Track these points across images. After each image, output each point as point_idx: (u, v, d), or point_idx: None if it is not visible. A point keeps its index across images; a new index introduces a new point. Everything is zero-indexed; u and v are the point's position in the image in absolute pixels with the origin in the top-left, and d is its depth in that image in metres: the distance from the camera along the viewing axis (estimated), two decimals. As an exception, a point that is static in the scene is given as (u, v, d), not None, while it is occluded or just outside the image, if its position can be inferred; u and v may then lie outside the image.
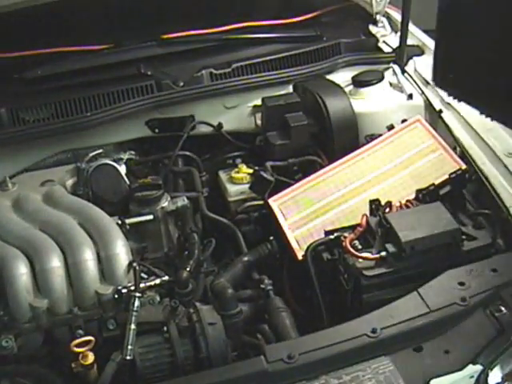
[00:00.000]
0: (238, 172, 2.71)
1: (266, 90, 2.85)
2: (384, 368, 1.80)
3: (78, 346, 1.89)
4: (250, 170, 2.69)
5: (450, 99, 2.54)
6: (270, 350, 1.84)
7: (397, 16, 3.22)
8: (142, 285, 2.02)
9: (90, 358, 1.86)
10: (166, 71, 2.83)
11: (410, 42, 2.99)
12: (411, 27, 2.95)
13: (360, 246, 2.12)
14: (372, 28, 3.24)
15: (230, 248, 2.62)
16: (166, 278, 2.11)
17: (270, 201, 2.56)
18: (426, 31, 3.14)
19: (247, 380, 1.77)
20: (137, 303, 1.95)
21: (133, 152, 2.78)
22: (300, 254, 2.32)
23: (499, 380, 1.84)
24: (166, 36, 2.92)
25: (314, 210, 2.49)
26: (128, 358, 1.87)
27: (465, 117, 2.54)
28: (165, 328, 1.99)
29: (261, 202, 2.62)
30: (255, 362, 1.80)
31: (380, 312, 1.92)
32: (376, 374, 1.78)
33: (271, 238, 2.45)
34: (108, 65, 2.80)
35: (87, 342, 1.90)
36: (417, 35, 3.11)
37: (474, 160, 2.41)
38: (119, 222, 2.23)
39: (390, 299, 1.98)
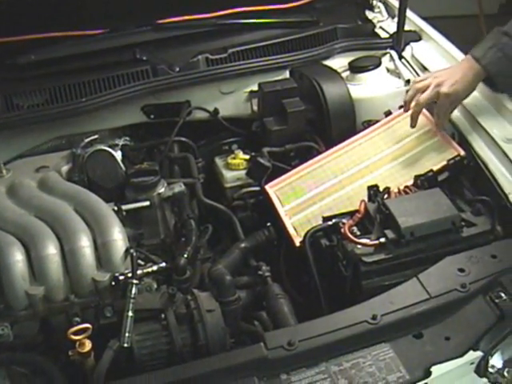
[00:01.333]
0: (234, 158, 2.70)
1: (262, 76, 2.82)
2: (384, 355, 1.79)
3: (75, 333, 1.86)
4: (247, 156, 2.67)
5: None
6: (270, 336, 1.83)
7: (393, 1, 3.20)
8: (139, 271, 2.00)
9: (87, 345, 1.84)
10: (161, 56, 2.79)
11: (407, 27, 2.97)
12: (408, 12, 2.92)
13: (358, 233, 2.11)
14: (368, 13, 3.22)
15: (226, 234, 2.60)
16: (164, 264, 2.09)
17: (267, 187, 2.55)
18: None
19: (247, 367, 1.75)
20: (134, 290, 1.93)
21: (128, 138, 2.75)
22: (297, 241, 2.31)
23: (500, 366, 1.84)
24: (161, 21, 2.87)
25: (311, 196, 2.48)
26: (125, 345, 1.85)
27: (463, 103, 2.51)
28: (162, 315, 1.97)
29: (257, 189, 2.60)
30: (255, 349, 1.79)
31: (380, 298, 1.91)
32: (376, 361, 1.77)
33: (268, 224, 2.43)
34: (103, 50, 2.75)
35: (84, 330, 1.87)
36: (414, 20, 3.08)
37: (473, 146, 2.39)
38: (115, 208, 2.21)
39: (390, 285, 1.97)
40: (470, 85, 2.42)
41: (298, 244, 2.30)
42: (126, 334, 1.86)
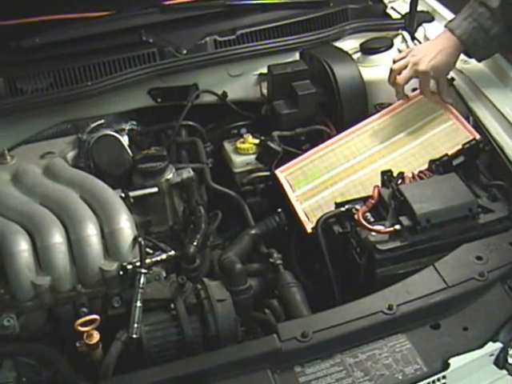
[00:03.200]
0: (243, 142, 2.64)
1: (272, 58, 2.77)
2: (401, 346, 1.75)
3: (83, 325, 1.82)
4: (256, 141, 2.62)
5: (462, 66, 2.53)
6: (283, 328, 1.78)
7: (405, -19, 3.13)
8: (147, 260, 1.95)
9: (95, 337, 1.80)
10: (168, 39, 2.74)
11: (419, 7, 2.90)
12: (420, -8, 2.86)
13: (372, 219, 2.06)
14: (380, -7, 3.16)
15: (235, 220, 2.56)
16: (173, 252, 2.04)
17: (277, 172, 2.50)
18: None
19: (260, 360, 1.70)
20: (142, 280, 1.89)
21: (135, 122, 2.71)
22: (309, 227, 2.26)
23: (520, 358, 1.80)
24: (168, 2, 2.82)
25: (322, 181, 2.42)
26: (134, 336, 1.80)
27: (478, 85, 2.46)
28: (172, 305, 1.92)
29: (267, 173, 2.55)
30: (268, 341, 1.74)
31: (396, 288, 1.86)
32: (393, 353, 1.73)
33: (279, 210, 2.39)
34: (109, 32, 2.70)
35: (92, 321, 1.83)
36: (426, 1, 3.02)
37: (488, 130, 2.33)
38: (122, 195, 2.16)
39: (405, 274, 1.92)
40: (449, 57, 2.42)
41: (309, 230, 2.25)
42: (135, 325, 1.81)
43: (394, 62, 2.50)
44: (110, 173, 2.35)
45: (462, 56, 2.49)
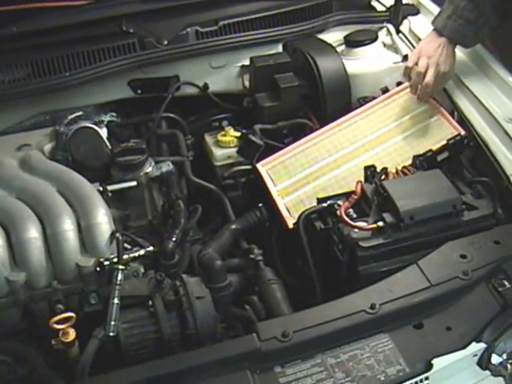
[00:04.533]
0: (224, 135, 2.61)
1: (254, 50, 2.73)
2: (383, 346, 1.73)
3: (58, 322, 1.78)
4: (238, 133, 2.58)
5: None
6: (263, 327, 1.75)
7: (390, -28, 3.10)
8: (125, 256, 1.91)
9: (71, 335, 1.75)
10: (149, 29, 2.68)
11: (404, 0, 2.88)
12: (406, -15, 2.83)
13: (355, 215, 2.03)
14: (365, -14, 3.12)
15: (216, 214, 2.52)
16: (151, 248, 2.00)
17: (259, 165, 2.47)
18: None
19: (239, 360, 1.67)
20: (120, 276, 1.85)
21: (114, 114, 2.68)
22: (291, 223, 2.24)
23: (505, 357, 1.78)
24: (149, -9, 2.77)
25: (304, 176, 2.40)
26: (111, 334, 1.76)
27: (463, 80, 2.44)
28: (150, 302, 1.88)
29: (249, 167, 2.52)
30: (247, 341, 1.71)
31: (378, 286, 1.83)
32: (375, 353, 1.71)
33: (260, 204, 2.35)
34: (88, 22, 2.63)
35: (68, 319, 1.79)
36: (412, -7, 2.99)
37: (473, 125, 2.31)
38: (101, 188, 2.13)
39: (388, 271, 1.90)
40: (453, 56, 2.43)
41: (291, 226, 2.23)
42: (112, 322, 1.78)
43: (413, 66, 2.46)
44: (88, 166, 2.30)
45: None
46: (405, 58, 2.67)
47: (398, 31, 2.85)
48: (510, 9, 2.36)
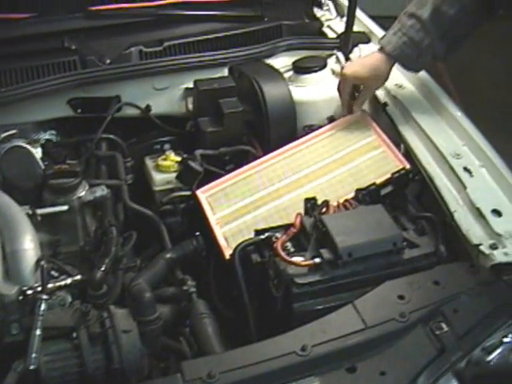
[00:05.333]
0: (165, 159, 2.54)
1: (199, 72, 2.67)
2: (312, 390, 1.65)
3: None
4: (178, 158, 2.51)
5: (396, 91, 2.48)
6: (189, 366, 1.66)
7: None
8: (50, 285, 1.85)
9: (-12, 367, 1.68)
10: (92, 46, 2.63)
11: (356, 28, 2.84)
12: (358, 12, 2.80)
13: (293, 249, 1.96)
14: (317, 11, 3.11)
15: (154, 240, 2.43)
16: (78, 277, 1.94)
17: (198, 192, 2.39)
18: (372, 17, 3.03)
19: (161, 401, 1.60)
20: (43, 306, 1.77)
21: (54, 132, 2.60)
22: (228, 253, 2.16)
23: (438, 405, 1.72)
24: (93, 8, 2.70)
25: (245, 205, 2.33)
26: (31, 367, 1.69)
27: (411, 112, 2.41)
28: (74, 334, 1.81)
29: (188, 193, 2.44)
30: (171, 381, 1.64)
31: (312, 326, 1.76)
32: (304, 398, 1.63)
33: (197, 233, 2.28)
34: (28, 36, 2.58)
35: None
36: (363, 21, 2.97)
37: (419, 159, 2.27)
38: (30, 212, 2.05)
39: (323, 309, 1.83)
40: (376, 71, 2.43)
41: (227, 256, 2.16)
42: (33, 355, 1.70)
43: None
44: (19, 186, 2.23)
45: (397, 81, 2.47)
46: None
47: (348, 59, 2.81)
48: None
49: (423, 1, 2.34)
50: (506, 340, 1.80)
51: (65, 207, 2.16)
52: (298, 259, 1.89)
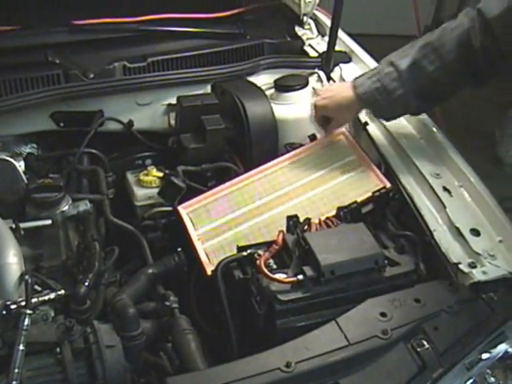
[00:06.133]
0: (147, 174, 2.54)
1: (182, 88, 2.69)
2: (296, 406, 1.66)
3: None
4: (160, 174, 2.52)
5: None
6: (174, 382, 1.67)
7: (324, 19, 3.11)
8: (34, 300, 1.82)
9: (-30, 384, 1.67)
10: (75, 61, 2.62)
11: (337, 47, 2.87)
12: (339, 32, 2.82)
13: (275, 266, 1.97)
14: (298, 30, 3.13)
15: (135, 255, 2.43)
16: (62, 292, 1.92)
17: (180, 208, 2.39)
18: (351, 35, 3.06)
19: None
20: (27, 321, 1.76)
21: (35, 145, 2.60)
22: (209, 269, 2.16)
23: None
24: (78, 22, 2.71)
25: (226, 221, 2.33)
26: (14, 382, 1.67)
27: (392, 132, 2.44)
28: (58, 349, 1.80)
29: (170, 208, 2.45)
30: (153, 399, 1.64)
31: (295, 343, 1.77)
32: (287, 414, 1.64)
33: (179, 249, 2.28)
34: (11, 49, 2.58)
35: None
36: (345, 41, 2.99)
37: (399, 178, 2.30)
38: (13, 226, 2.04)
39: (306, 326, 1.85)
40: (345, 109, 2.43)
41: (209, 273, 2.16)
42: (16, 370, 1.69)
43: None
44: (2, 200, 2.23)
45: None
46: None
47: (329, 78, 2.84)
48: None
49: (407, 51, 2.30)
50: (484, 357, 1.84)
51: (48, 221, 2.15)
52: (280, 276, 1.90)
